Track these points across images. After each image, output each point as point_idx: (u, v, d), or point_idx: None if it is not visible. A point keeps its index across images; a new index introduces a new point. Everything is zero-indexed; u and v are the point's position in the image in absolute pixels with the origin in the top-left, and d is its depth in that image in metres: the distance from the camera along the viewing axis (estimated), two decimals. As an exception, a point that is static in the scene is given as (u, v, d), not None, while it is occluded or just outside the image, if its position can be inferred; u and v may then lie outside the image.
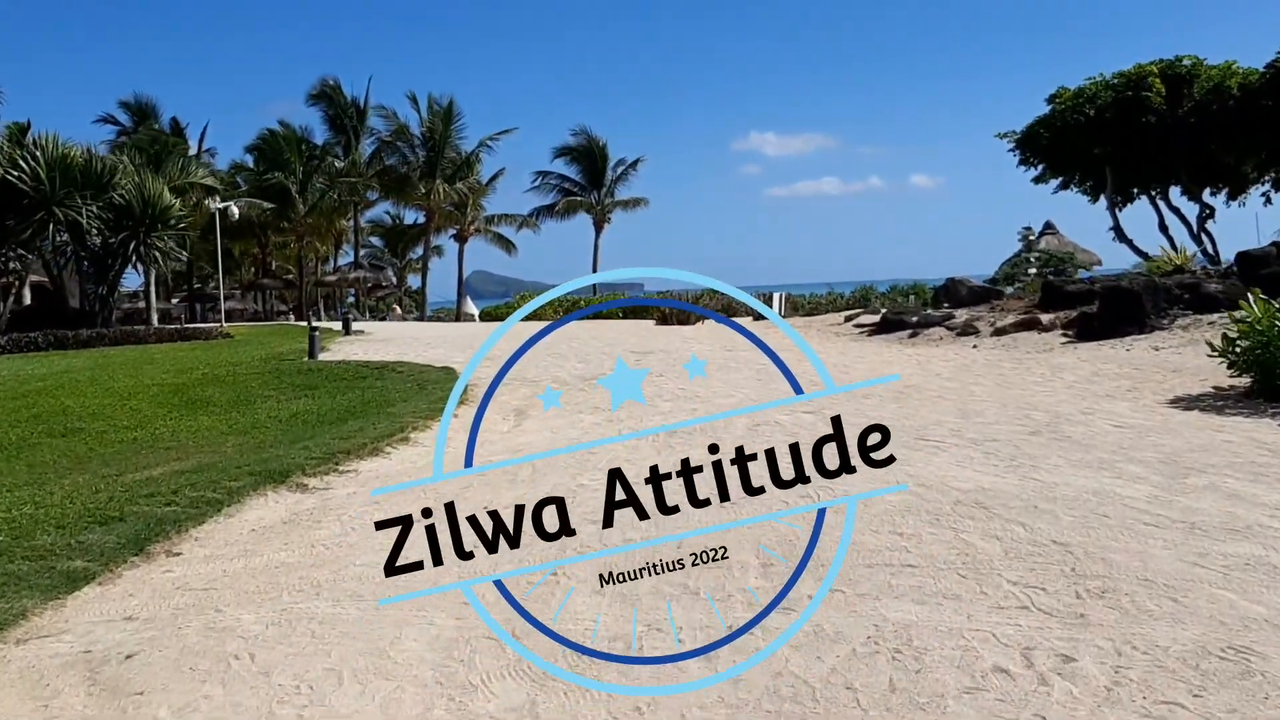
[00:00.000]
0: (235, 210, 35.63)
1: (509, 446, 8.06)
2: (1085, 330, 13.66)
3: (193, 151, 60.64)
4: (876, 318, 17.50)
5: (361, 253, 77.64)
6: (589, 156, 63.30)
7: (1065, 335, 13.79)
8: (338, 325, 30.46)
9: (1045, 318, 14.56)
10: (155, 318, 34.49)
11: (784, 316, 23.75)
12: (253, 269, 69.28)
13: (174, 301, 64.24)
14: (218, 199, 35.80)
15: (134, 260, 25.53)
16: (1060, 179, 34.12)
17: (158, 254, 25.61)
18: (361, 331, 26.75)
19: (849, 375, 11.16)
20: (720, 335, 18.75)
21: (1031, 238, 57.21)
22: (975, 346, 13.80)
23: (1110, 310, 13.62)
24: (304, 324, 35.28)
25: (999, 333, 14.38)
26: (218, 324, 36.93)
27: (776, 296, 24.40)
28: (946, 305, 20.45)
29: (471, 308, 72.74)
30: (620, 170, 63.82)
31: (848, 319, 18.14)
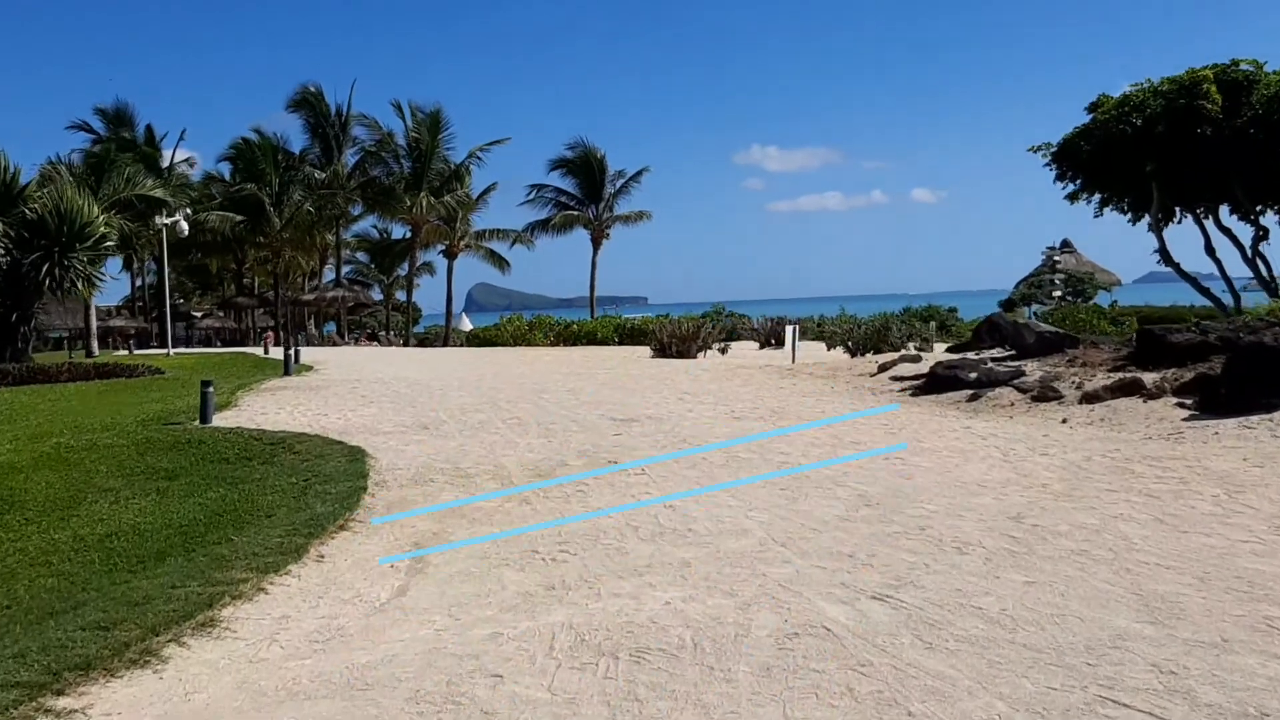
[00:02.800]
0: (184, 226, 32.26)
1: (342, 664, 4.56)
2: (1210, 399, 10.20)
3: (166, 161, 57.60)
4: (919, 367, 14.04)
5: (347, 269, 74.46)
6: (587, 169, 60.16)
7: (1181, 405, 10.33)
8: (307, 350, 26.40)
9: (1149, 379, 11.09)
10: (95, 344, 31.08)
11: (797, 349, 20.40)
12: (232, 285, 66.02)
13: (153, 319, 60.94)
14: (166, 212, 32.37)
15: (47, 284, 22.07)
16: (1099, 196, 30.78)
17: (74, 278, 22.14)
18: (309, 368, 23.31)
19: (912, 478, 7.69)
20: (731, 379, 15.28)
21: (1056, 258, 53.76)
22: (1065, 421, 10.31)
23: (1244, 373, 10.15)
24: (259, 351, 31.89)
25: (1090, 399, 10.90)
26: (165, 351, 33.52)
27: (790, 329, 20.98)
28: (994, 346, 17.04)
29: (466, 324, 69.60)
30: (620, 183, 60.63)
31: (882, 368, 14.65)
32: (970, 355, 15.64)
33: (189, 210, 55.57)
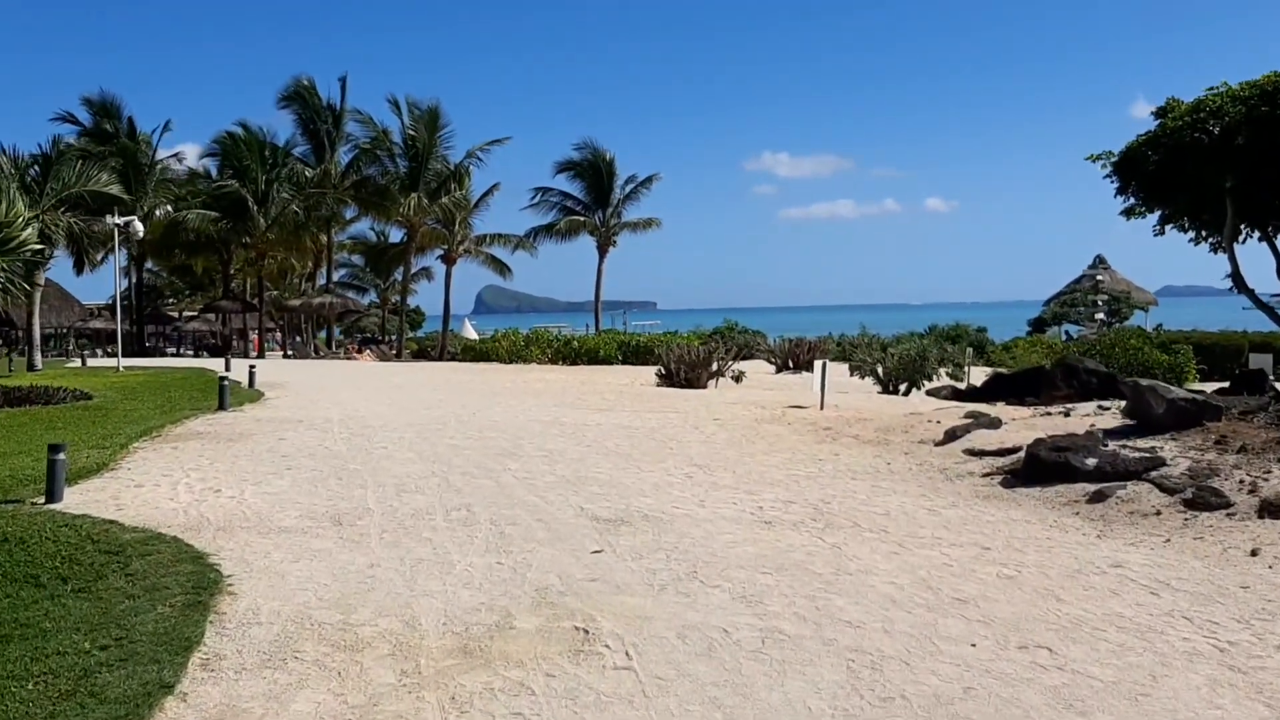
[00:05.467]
0: (139, 227, 29.10)
1: None
2: None
3: (163, 155, 55.09)
4: (1002, 437, 10.74)
5: (342, 273, 71.49)
6: (594, 172, 57.02)
7: None
8: (267, 362, 23.67)
9: (1355, 481, 7.79)
10: (38, 356, 27.93)
11: (825, 380, 17.17)
12: (220, 288, 62.98)
13: (134, 320, 57.87)
14: (119, 211, 29.20)
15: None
16: (1161, 212, 27.29)
17: (-13, 287, 19.01)
18: (258, 398, 20.14)
19: (1088, 715, 4.44)
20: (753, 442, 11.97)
21: (1100, 277, 50.25)
22: (1256, 554, 7.00)
23: None
24: (218, 372, 28.67)
25: (1274, 510, 7.61)
26: (116, 364, 30.28)
27: (819, 366, 17.70)
28: (1073, 398, 13.79)
29: (470, 332, 66.64)
30: (630, 188, 57.50)
31: (950, 436, 11.32)
32: (1053, 411, 12.36)
33: (169, 207, 52.84)
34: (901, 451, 11.24)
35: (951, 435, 11.17)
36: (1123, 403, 12.52)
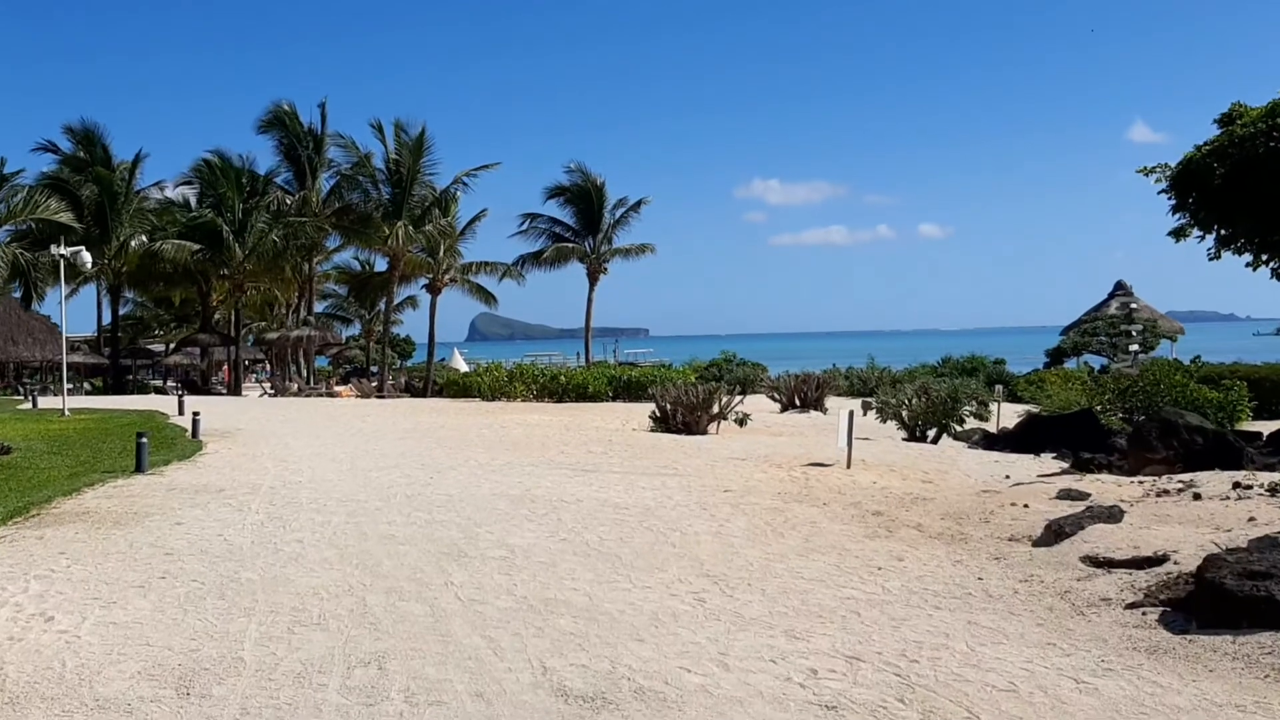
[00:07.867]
0: (86, 257, 26.38)
1: None
2: None
3: (143, 185, 52.92)
4: (1132, 536, 7.82)
5: (327, 303, 68.87)
6: (584, 197, 54.75)
7: None
8: (220, 399, 19.84)
9: None
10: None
11: (852, 434, 14.45)
12: (200, 321, 60.16)
13: (109, 353, 54.98)
14: (66, 240, 26.47)
15: None
16: (1218, 233, 24.50)
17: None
18: (194, 453, 17.24)
19: None
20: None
21: (1134, 305, 47.42)
22: None
23: None
24: (169, 416, 25.88)
25: None
26: (61, 405, 27.37)
27: (843, 419, 14.93)
28: (1176, 463, 11.04)
29: (460, 362, 64.09)
30: (620, 213, 55.29)
31: (1055, 532, 8.28)
32: (1170, 488, 9.52)
33: (145, 237, 50.19)
34: (990, 555, 8.35)
35: (1058, 533, 8.26)
36: (1262, 475, 9.71)
